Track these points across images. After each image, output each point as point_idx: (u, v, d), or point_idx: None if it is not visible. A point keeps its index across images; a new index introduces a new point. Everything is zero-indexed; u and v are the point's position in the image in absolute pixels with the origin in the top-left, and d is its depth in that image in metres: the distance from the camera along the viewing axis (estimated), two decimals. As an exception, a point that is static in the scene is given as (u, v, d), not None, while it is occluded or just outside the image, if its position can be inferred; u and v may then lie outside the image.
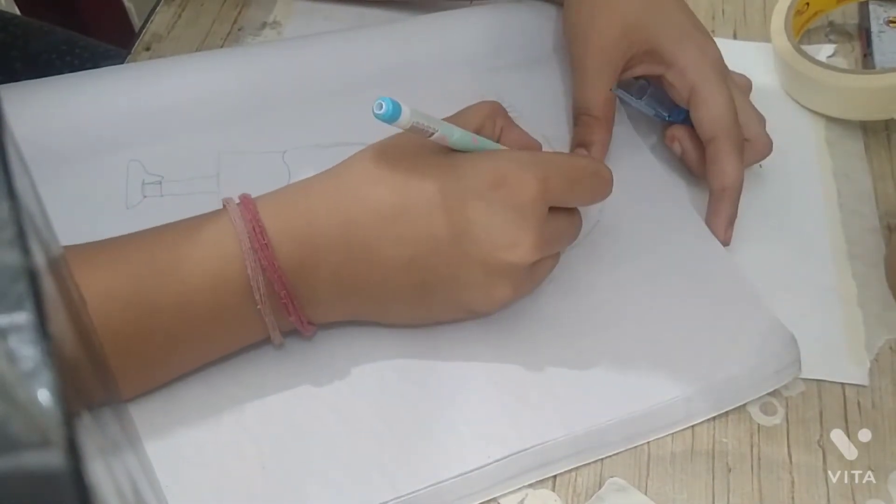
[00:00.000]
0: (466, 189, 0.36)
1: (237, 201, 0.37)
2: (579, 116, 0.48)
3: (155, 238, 0.37)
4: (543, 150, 0.43)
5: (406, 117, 0.32)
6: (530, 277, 0.39)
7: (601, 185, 0.40)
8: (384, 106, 0.31)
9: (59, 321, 0.14)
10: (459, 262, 0.36)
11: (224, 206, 0.37)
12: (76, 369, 0.15)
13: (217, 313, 0.36)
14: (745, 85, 0.50)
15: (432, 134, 0.34)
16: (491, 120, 0.40)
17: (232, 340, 0.39)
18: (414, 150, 0.37)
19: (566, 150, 0.49)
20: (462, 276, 0.37)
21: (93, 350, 0.18)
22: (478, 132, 0.39)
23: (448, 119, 0.39)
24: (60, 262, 0.16)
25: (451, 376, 0.39)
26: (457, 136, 0.36)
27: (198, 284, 0.35)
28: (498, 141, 0.40)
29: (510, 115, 0.51)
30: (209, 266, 0.35)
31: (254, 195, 0.46)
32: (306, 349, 0.40)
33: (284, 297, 0.36)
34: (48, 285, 0.13)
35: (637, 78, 0.49)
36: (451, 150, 0.37)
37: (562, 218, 0.39)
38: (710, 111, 0.45)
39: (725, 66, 0.47)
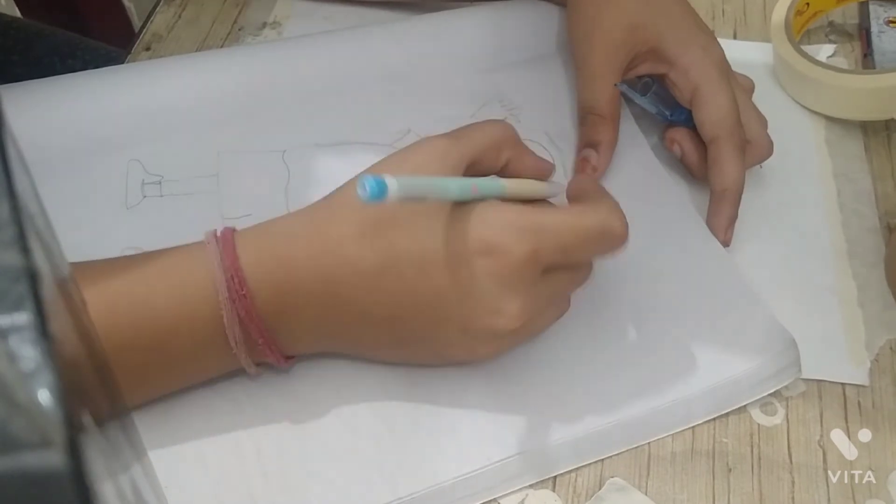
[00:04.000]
0: (452, 254, 0.34)
1: (218, 235, 0.36)
2: (585, 116, 0.48)
3: (133, 270, 0.35)
4: (548, 162, 0.41)
5: (394, 194, 0.28)
6: (521, 335, 0.37)
7: (608, 243, 0.36)
8: (367, 187, 0.27)
9: (60, 321, 0.14)
10: (440, 323, 0.35)
11: (205, 243, 0.36)
12: (76, 370, 0.15)
13: (192, 350, 0.35)
14: (748, 86, 0.50)
15: (425, 199, 0.32)
16: (494, 152, 0.38)
17: (206, 374, 0.38)
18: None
19: (568, 147, 0.49)
20: (442, 336, 0.36)
21: (93, 351, 0.18)
22: (476, 163, 0.37)
23: (448, 138, 0.37)
24: (60, 263, 0.16)
25: (451, 378, 0.39)
26: (454, 193, 0.34)
27: (172, 323, 0.34)
28: (505, 169, 0.39)
29: (511, 113, 0.51)
30: (185, 307, 0.34)
31: (253, 195, 0.46)
32: (306, 349, 0.40)
33: (262, 343, 0.35)
34: (48, 285, 0.13)
35: (640, 76, 0.49)
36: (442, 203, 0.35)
37: (560, 276, 0.37)
38: (713, 112, 0.45)
39: (729, 67, 0.47)
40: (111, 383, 0.21)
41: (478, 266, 0.34)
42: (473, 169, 0.37)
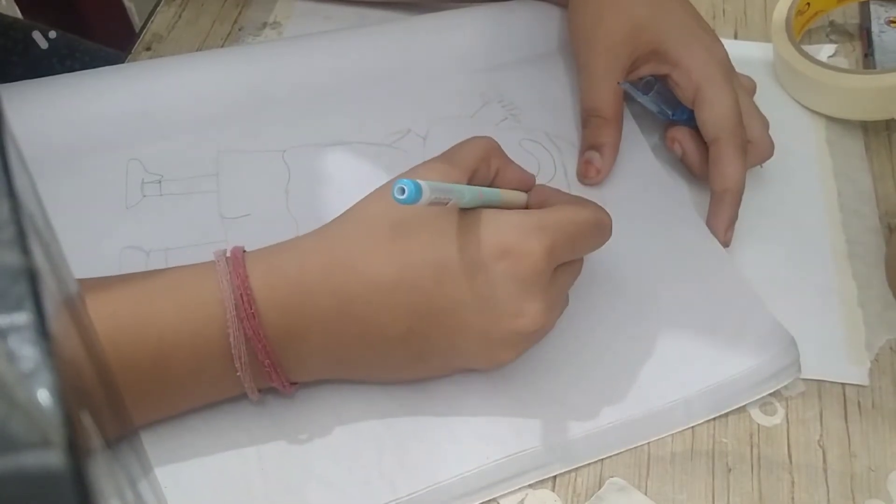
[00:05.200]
0: (468, 259, 0.34)
1: (228, 254, 0.35)
2: (588, 118, 0.48)
3: (137, 287, 0.35)
4: (540, 183, 0.42)
5: (427, 196, 0.30)
6: (539, 334, 0.37)
7: (602, 235, 0.38)
8: (406, 190, 0.30)
9: (59, 321, 0.14)
10: (460, 332, 0.35)
11: (215, 261, 0.35)
12: (76, 370, 0.15)
13: (194, 371, 0.35)
14: (750, 87, 0.50)
15: (447, 202, 0.33)
16: (486, 163, 0.38)
17: (209, 397, 0.37)
18: (410, 213, 0.35)
19: (568, 147, 0.49)
20: (462, 345, 0.36)
21: (93, 351, 0.18)
22: (473, 174, 0.37)
23: (442, 159, 0.37)
24: (60, 262, 0.16)
25: (451, 378, 0.39)
26: (467, 197, 0.34)
27: (177, 342, 0.34)
28: (494, 181, 0.39)
29: (511, 113, 0.51)
30: (191, 326, 0.34)
31: (253, 195, 0.46)
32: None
33: (268, 365, 0.35)
34: (48, 285, 0.13)
35: (642, 77, 0.49)
36: (449, 208, 0.35)
37: (564, 272, 0.37)
38: (715, 112, 0.45)
39: (732, 67, 0.47)
40: (111, 383, 0.21)
41: (496, 270, 0.34)
42: (470, 182, 0.37)
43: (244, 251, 0.36)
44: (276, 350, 0.35)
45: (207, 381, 0.36)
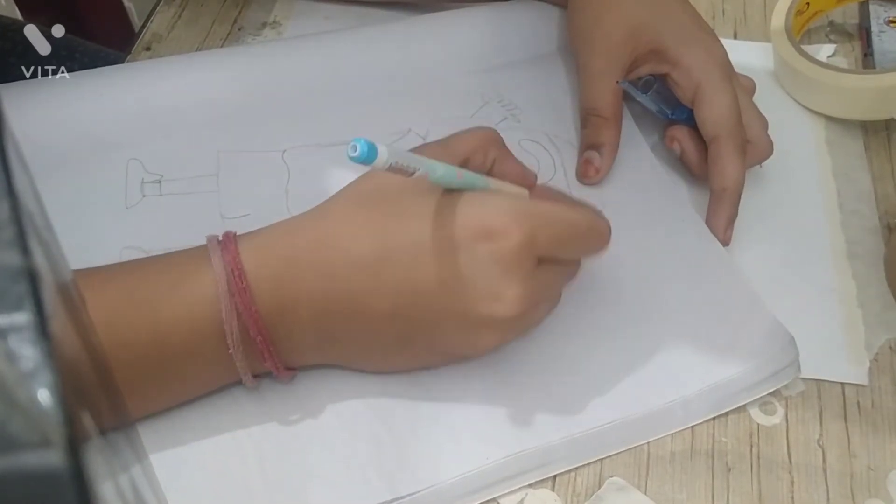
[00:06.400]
0: (449, 239, 0.34)
1: (220, 238, 0.36)
2: (588, 118, 0.48)
3: (134, 270, 0.36)
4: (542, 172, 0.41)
5: (383, 159, 0.30)
6: (520, 324, 0.37)
7: (596, 241, 0.38)
8: (358, 148, 0.29)
9: (59, 321, 0.14)
10: (441, 313, 0.35)
11: (207, 243, 0.36)
12: (76, 370, 0.15)
13: (190, 352, 0.35)
14: (750, 86, 0.50)
15: (413, 173, 0.32)
16: (482, 151, 0.38)
17: (205, 381, 0.38)
18: (398, 192, 0.35)
19: (567, 147, 0.50)
20: (443, 326, 0.36)
21: (93, 350, 0.18)
22: (465, 163, 0.37)
23: (437, 144, 0.37)
24: (60, 262, 0.16)
25: (450, 378, 0.39)
26: (440, 172, 0.34)
27: (172, 321, 0.34)
28: (490, 172, 0.39)
29: (511, 113, 0.51)
30: (184, 304, 0.34)
31: (253, 194, 0.46)
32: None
33: (260, 342, 0.35)
34: (48, 285, 0.13)
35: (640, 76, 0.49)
36: (437, 189, 0.35)
37: (553, 268, 0.37)
38: (714, 111, 0.45)
39: (731, 67, 0.47)
40: (111, 383, 0.21)
41: (477, 251, 0.34)
42: (464, 168, 0.37)
43: (237, 234, 0.36)
44: (267, 326, 0.35)
45: (203, 364, 0.36)
